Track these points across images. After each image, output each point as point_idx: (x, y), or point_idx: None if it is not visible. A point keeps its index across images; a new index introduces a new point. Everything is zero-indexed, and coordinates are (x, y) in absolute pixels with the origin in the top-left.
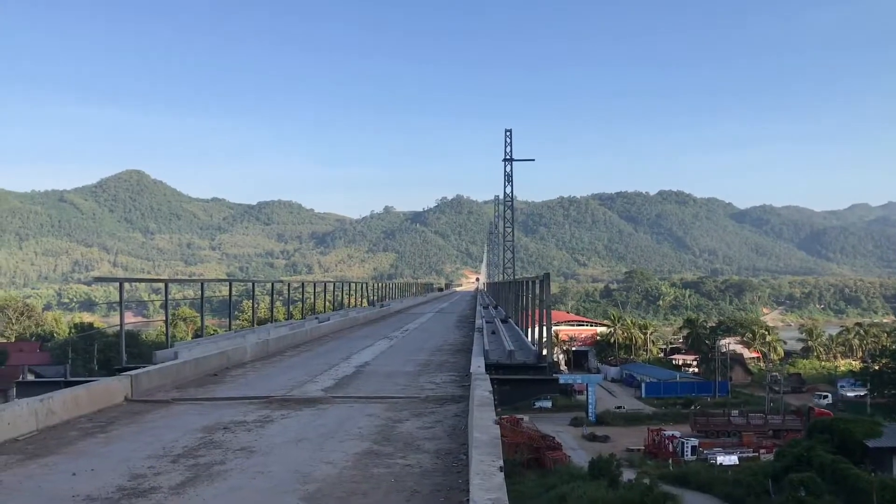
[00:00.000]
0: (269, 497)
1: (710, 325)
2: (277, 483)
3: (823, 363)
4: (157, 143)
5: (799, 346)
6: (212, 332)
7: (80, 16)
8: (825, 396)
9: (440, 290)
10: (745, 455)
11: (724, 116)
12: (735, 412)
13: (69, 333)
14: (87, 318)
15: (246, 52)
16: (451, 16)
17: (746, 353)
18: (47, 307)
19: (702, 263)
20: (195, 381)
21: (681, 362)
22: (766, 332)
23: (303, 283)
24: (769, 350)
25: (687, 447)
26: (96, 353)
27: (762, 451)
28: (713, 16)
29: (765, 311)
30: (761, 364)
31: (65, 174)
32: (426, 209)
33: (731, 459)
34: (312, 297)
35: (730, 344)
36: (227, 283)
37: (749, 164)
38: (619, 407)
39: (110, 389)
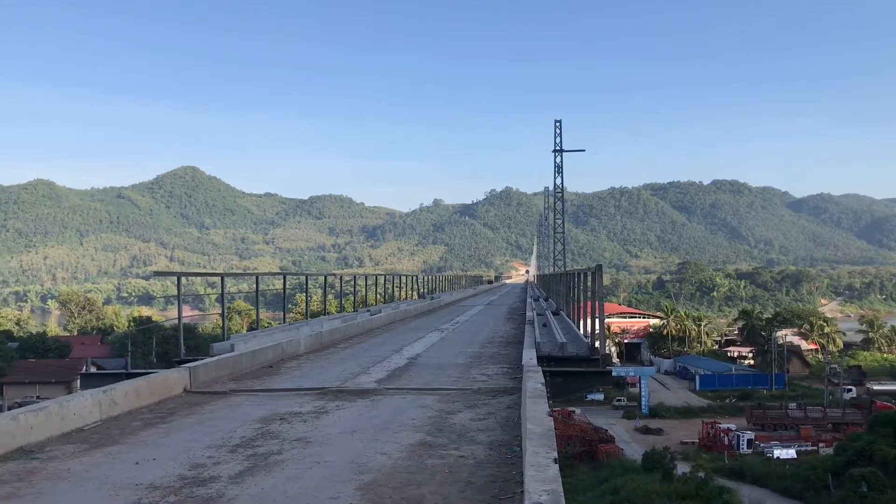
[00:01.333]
0: (325, 486)
1: (766, 316)
2: (334, 473)
3: (885, 355)
4: (211, 139)
5: (859, 337)
6: (266, 325)
7: (138, 16)
8: (849, 390)
9: (490, 282)
10: (803, 449)
11: (781, 104)
12: (792, 405)
13: (128, 327)
14: (145, 311)
15: (296, 49)
16: (498, 6)
17: (804, 345)
18: (107, 301)
19: (757, 254)
20: (251, 372)
21: (736, 354)
22: (825, 324)
23: (354, 276)
24: (828, 342)
25: (742, 440)
26: (155, 346)
27: (821, 444)
28: (768, 1)
29: (823, 301)
30: (819, 356)
31: (122, 171)
32: (475, 202)
33: (788, 453)
34: (364, 289)
35: (787, 335)
36: (281, 277)
37: (806, 151)
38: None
39: (170, 381)
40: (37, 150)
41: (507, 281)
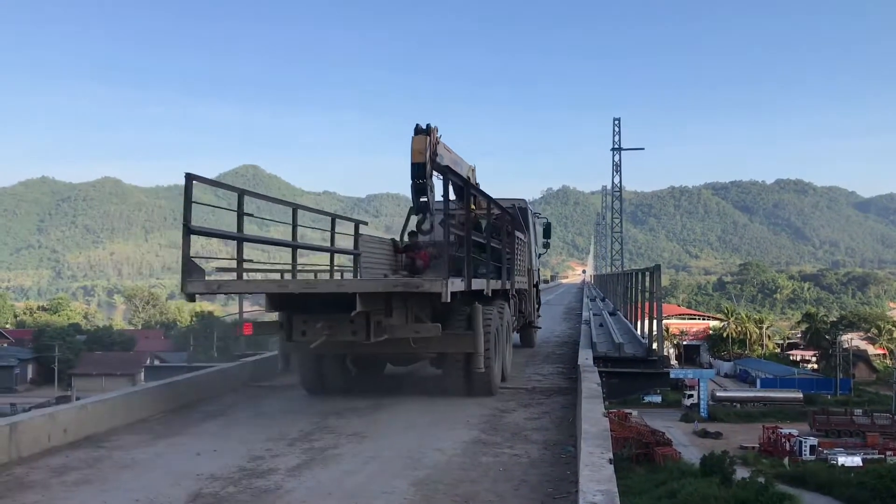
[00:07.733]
0: (380, 481)
1: (830, 319)
2: (389, 468)
3: None
4: (271, 137)
5: None
6: None
7: (198, 19)
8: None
9: (545, 282)
10: (869, 457)
11: (847, 100)
12: (858, 411)
13: (191, 322)
14: (207, 307)
15: (352, 50)
16: (557, 4)
17: (871, 350)
18: (171, 297)
19: (822, 255)
20: None
21: (799, 358)
22: (894, 328)
23: None
24: None
25: (805, 446)
26: (216, 341)
27: (888, 452)
28: None
29: (892, 305)
30: (888, 361)
31: (186, 170)
32: (531, 200)
33: (853, 461)
34: None
35: (852, 340)
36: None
37: (874, 150)
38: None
39: (230, 375)
40: (105, 149)
41: (564, 281)
